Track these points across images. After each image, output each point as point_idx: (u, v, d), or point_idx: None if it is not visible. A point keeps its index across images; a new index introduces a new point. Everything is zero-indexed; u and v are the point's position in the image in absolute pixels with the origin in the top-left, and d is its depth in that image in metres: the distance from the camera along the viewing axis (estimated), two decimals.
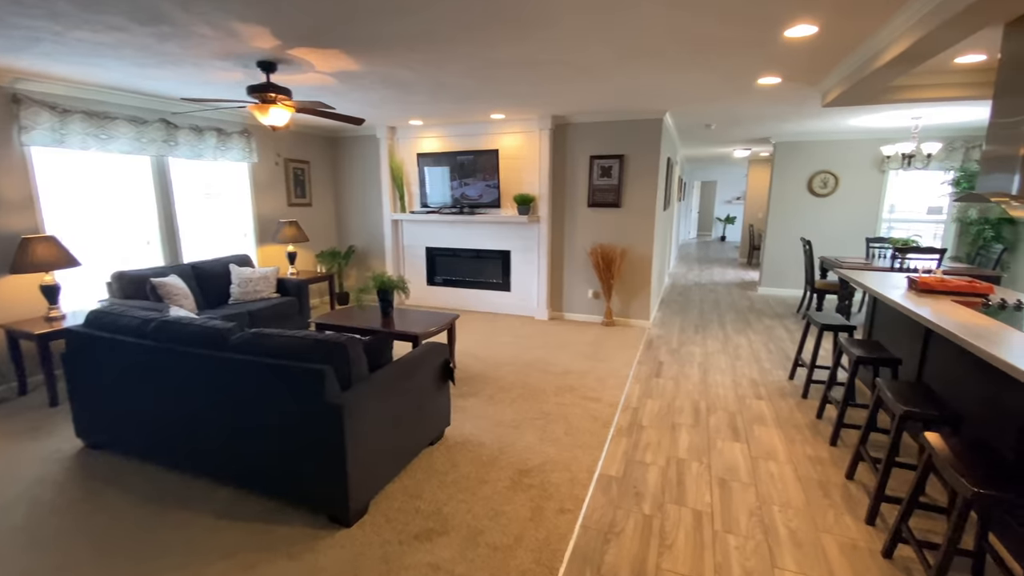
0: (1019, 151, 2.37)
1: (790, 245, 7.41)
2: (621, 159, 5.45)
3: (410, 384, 2.57)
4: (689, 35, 2.75)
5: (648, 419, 3.30)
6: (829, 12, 2.40)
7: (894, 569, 1.98)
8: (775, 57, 3.16)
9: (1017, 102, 2.40)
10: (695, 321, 5.96)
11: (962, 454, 1.78)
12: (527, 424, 3.19)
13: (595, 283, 5.84)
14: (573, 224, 5.82)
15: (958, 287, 3.10)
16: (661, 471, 2.68)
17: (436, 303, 6.66)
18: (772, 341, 5.13)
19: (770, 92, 4.19)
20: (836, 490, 2.52)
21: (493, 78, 3.77)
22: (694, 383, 3.95)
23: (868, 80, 3.05)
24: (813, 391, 3.79)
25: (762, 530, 2.20)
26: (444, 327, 3.91)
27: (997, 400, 2.26)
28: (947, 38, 2.25)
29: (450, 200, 6.17)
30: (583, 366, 4.29)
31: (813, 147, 7.05)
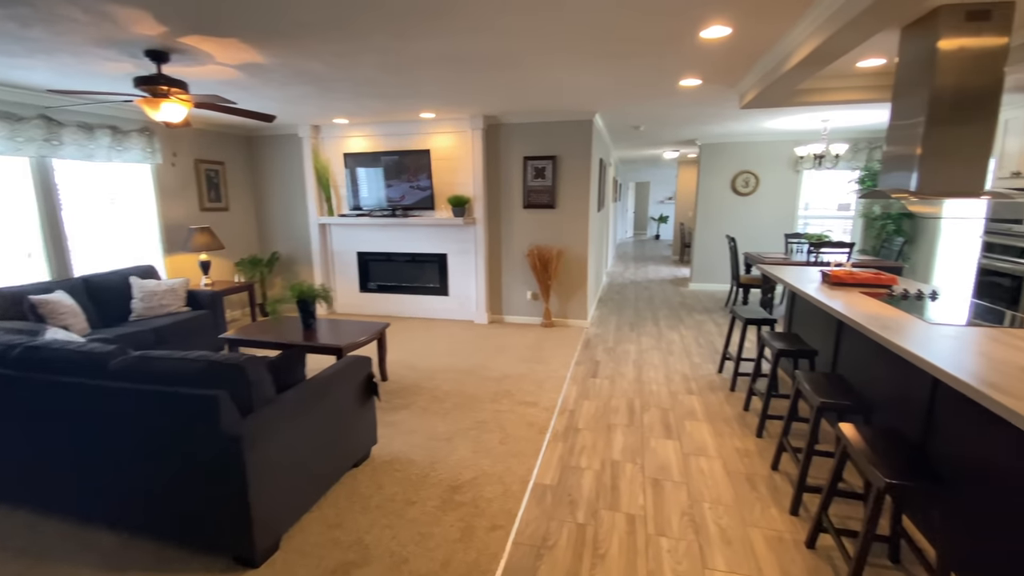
0: (916, 151, 2.52)
1: (717, 242, 7.73)
2: (554, 160, 5.44)
3: (327, 403, 2.36)
4: (611, 34, 2.73)
5: (584, 421, 3.26)
6: (740, 14, 2.44)
7: (817, 559, 2.02)
8: (694, 58, 3.22)
9: (913, 104, 2.54)
10: (631, 319, 6.06)
11: (874, 443, 1.83)
12: (461, 436, 3.05)
13: (533, 285, 5.80)
14: (510, 226, 5.74)
15: (865, 279, 3.28)
16: (596, 475, 2.63)
17: (370, 311, 6.37)
18: (702, 335, 5.29)
19: (693, 93, 4.30)
20: (762, 482, 2.57)
21: (416, 74, 3.60)
22: (629, 381, 3.97)
23: (780, 82, 3.17)
24: (740, 383, 3.91)
25: (694, 530, 2.19)
26: (373, 337, 3.70)
27: (903, 387, 2.38)
28: (848, 41, 2.35)
29: (383, 202, 5.91)
30: (521, 370, 4.21)
31: (735, 148, 7.39)
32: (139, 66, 3.30)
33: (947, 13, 2.28)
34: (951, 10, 2.27)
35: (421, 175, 5.70)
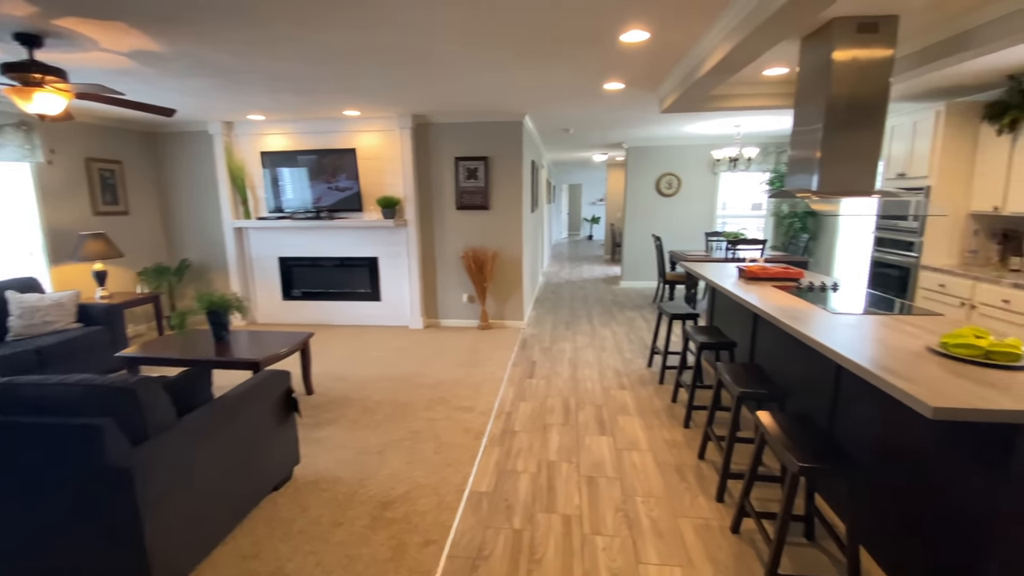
0: (816, 154, 2.72)
1: (645, 241, 8.04)
2: (486, 161, 5.39)
3: (239, 423, 2.16)
4: (528, 33, 2.72)
5: (521, 423, 3.23)
6: (657, 19, 2.52)
7: (741, 543, 2.11)
8: (617, 62, 3.29)
9: (813, 111, 2.74)
10: (566, 318, 6.15)
11: (788, 429, 1.94)
12: (393, 447, 2.92)
13: (469, 287, 5.72)
14: (443, 227, 5.63)
15: (776, 273, 3.51)
16: (532, 478, 2.60)
17: (295, 320, 6.01)
18: (633, 331, 5.46)
19: (617, 97, 4.42)
20: (690, 472, 2.66)
21: (335, 69, 3.42)
22: (565, 380, 4.01)
23: (695, 87, 3.32)
24: (668, 376, 4.06)
25: (627, 525, 2.22)
26: (295, 348, 3.46)
27: (812, 374, 2.55)
28: (754, 49, 2.48)
29: (307, 204, 5.59)
30: (457, 374, 4.13)
31: (659, 151, 7.72)
32: (8, 51, 2.88)
33: (840, 25, 2.47)
34: (844, 22, 2.47)
35: (347, 175, 5.45)
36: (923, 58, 2.91)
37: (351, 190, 5.48)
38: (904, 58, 3.07)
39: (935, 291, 4.01)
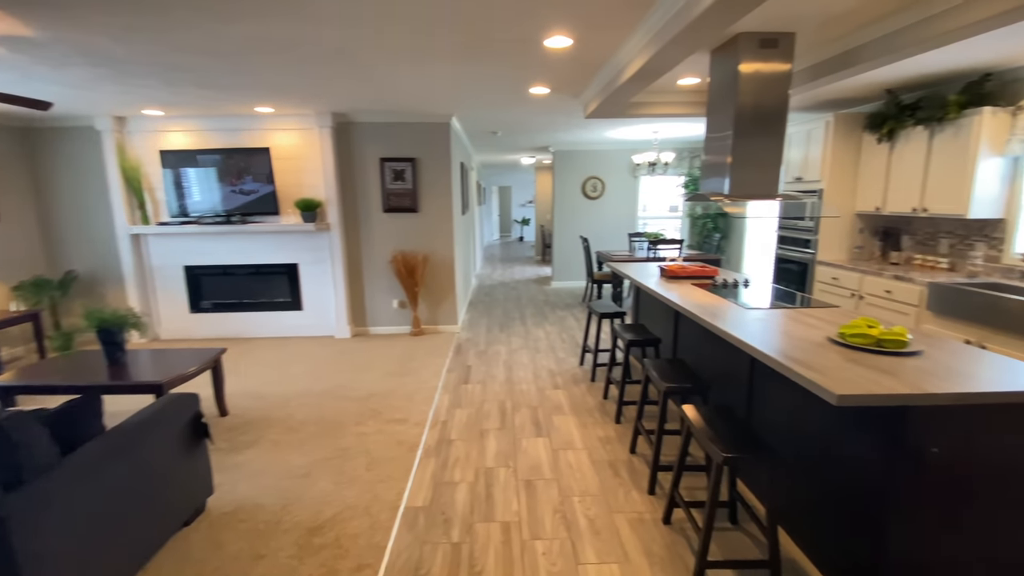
0: (727, 159, 2.90)
1: (573, 242, 8.25)
2: (414, 162, 5.26)
3: (139, 456, 1.92)
4: (457, 37, 2.68)
5: (457, 431, 3.17)
6: (579, 26, 2.56)
7: (673, 533, 2.19)
8: (542, 67, 3.32)
9: (723, 119, 2.92)
10: (500, 320, 6.15)
11: (711, 420, 2.04)
12: (321, 468, 2.75)
13: (400, 292, 5.55)
14: (369, 231, 5.42)
15: (694, 272, 3.71)
16: (470, 487, 2.55)
17: (205, 334, 5.52)
18: (565, 331, 5.57)
19: (543, 102, 4.48)
20: (623, 467, 2.74)
21: (241, 61, 3.17)
22: (500, 383, 3.99)
23: (616, 94, 3.43)
24: (599, 374, 4.17)
25: (565, 526, 2.23)
26: (205, 366, 3.16)
27: (730, 366, 2.72)
28: (669, 59, 2.60)
29: (216, 207, 5.15)
30: (389, 385, 3.98)
31: (584, 155, 7.95)
32: None
33: (745, 40, 2.65)
34: (748, 37, 2.65)
35: (261, 176, 5.09)
36: (815, 72, 3.21)
37: (267, 192, 5.12)
38: (800, 72, 3.37)
39: (829, 284, 4.44)
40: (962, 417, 1.55)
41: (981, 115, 3.31)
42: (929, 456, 1.57)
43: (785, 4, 2.33)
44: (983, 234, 3.65)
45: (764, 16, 2.46)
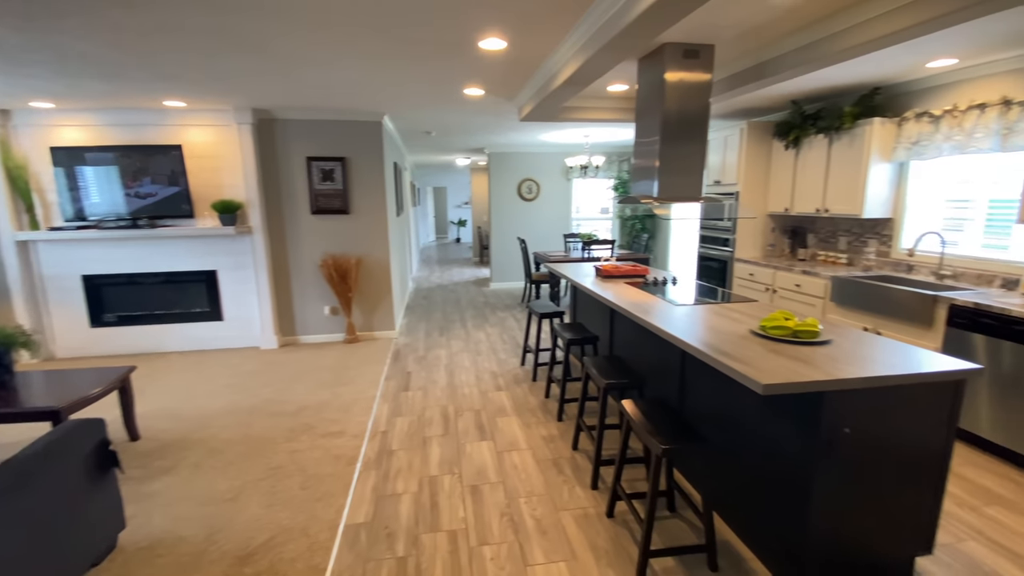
0: (655, 163, 3.03)
1: (511, 243, 8.31)
2: (344, 162, 5.06)
3: (32, 494, 1.69)
4: (387, 35, 2.60)
5: (398, 441, 3.08)
6: (512, 29, 2.58)
7: (616, 526, 2.25)
8: (476, 68, 3.31)
9: (651, 125, 3.05)
10: (440, 323, 6.06)
11: (648, 414, 2.12)
12: (250, 490, 2.56)
13: (332, 298, 5.31)
14: (297, 234, 5.14)
15: (627, 271, 3.86)
16: (414, 498, 2.48)
17: (110, 351, 4.99)
18: (505, 332, 5.59)
19: (478, 103, 4.46)
20: (567, 464, 2.78)
21: (148, 52, 2.89)
22: (442, 388, 3.93)
23: (550, 99, 3.49)
24: (540, 373, 4.22)
25: (513, 529, 2.23)
26: (111, 387, 2.85)
27: (663, 361, 2.84)
28: (600, 66, 2.68)
29: (120, 210, 4.66)
30: (323, 396, 3.79)
31: (519, 157, 8.02)
32: None
33: (670, 50, 2.79)
34: (673, 47, 2.78)
35: (172, 176, 4.68)
36: (732, 83, 3.44)
37: (179, 193, 4.72)
38: (719, 82, 3.59)
39: (747, 279, 4.78)
40: (868, 398, 1.72)
41: (872, 125, 3.71)
42: (842, 436, 1.72)
43: (705, 17, 2.47)
44: (875, 232, 4.09)
45: (687, 28, 2.60)
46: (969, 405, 2.87)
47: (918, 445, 1.80)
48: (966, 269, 3.41)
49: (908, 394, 1.74)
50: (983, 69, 3.20)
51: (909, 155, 3.64)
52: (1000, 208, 3.30)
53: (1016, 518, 2.30)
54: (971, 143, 3.25)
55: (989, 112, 3.15)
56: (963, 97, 3.36)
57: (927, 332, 3.08)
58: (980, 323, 2.79)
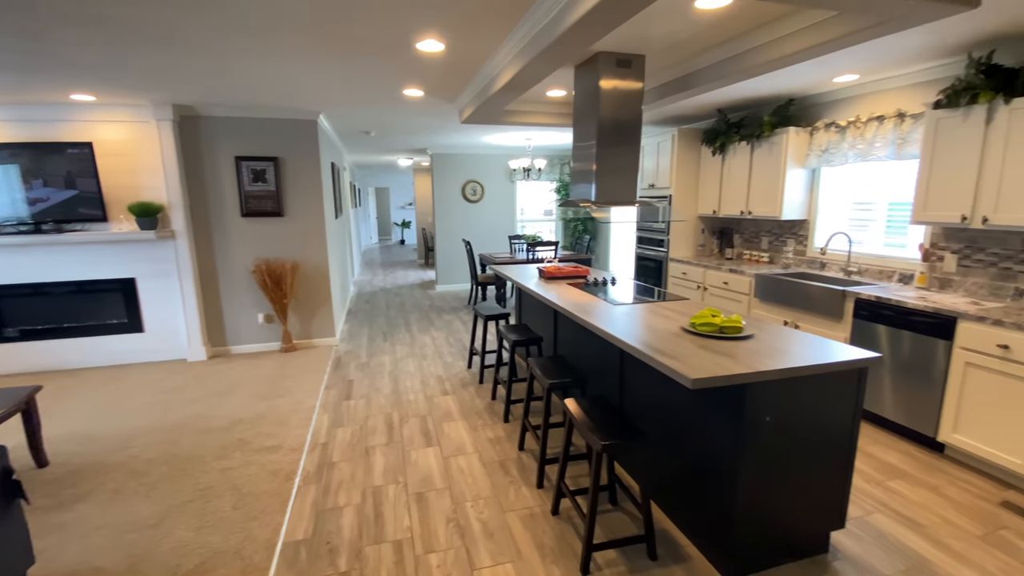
0: (592, 167, 3.12)
1: (456, 245, 8.26)
2: (277, 162, 4.83)
3: None
4: (320, 31, 2.52)
5: (340, 452, 2.98)
6: (449, 32, 2.57)
7: (561, 523, 2.30)
8: (415, 70, 3.27)
9: (588, 130, 3.14)
10: (383, 328, 5.92)
11: (590, 412, 2.18)
12: (176, 514, 2.40)
13: (266, 305, 5.06)
14: (225, 238, 4.85)
15: (569, 272, 3.95)
16: (357, 510, 2.42)
17: (11, 370, 4.49)
18: (452, 335, 5.56)
19: (418, 104, 4.41)
20: (513, 465, 2.81)
21: (51, 41, 2.63)
22: (386, 395, 3.84)
23: (490, 102, 3.50)
24: (487, 375, 4.23)
25: (459, 534, 2.23)
26: (12, 410, 2.57)
27: (603, 360, 2.93)
28: (538, 72, 2.72)
29: (21, 213, 4.20)
30: (258, 409, 3.60)
31: (463, 159, 8.00)
32: None
33: (604, 58, 2.88)
34: (606, 56, 2.88)
35: (80, 176, 4.28)
36: (662, 92, 3.60)
37: (91, 195, 4.33)
38: (650, 91, 3.75)
39: (680, 278, 5.03)
40: (785, 388, 1.86)
41: (788, 134, 4.01)
42: (763, 424, 1.85)
43: (635, 30, 2.58)
44: (793, 232, 4.42)
45: (619, 38, 2.70)
46: (874, 389, 3.17)
47: (829, 428, 1.96)
48: (870, 265, 3.76)
49: (819, 382, 1.90)
50: (881, 84, 3.55)
51: (820, 161, 3.97)
52: (898, 210, 3.66)
53: (916, 490, 2.56)
54: (872, 151, 3.59)
55: (886, 123, 3.49)
56: (864, 109, 3.70)
57: (838, 324, 3.37)
58: (881, 314, 3.09)
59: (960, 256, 3.20)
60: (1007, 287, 2.97)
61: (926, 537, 2.20)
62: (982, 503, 2.44)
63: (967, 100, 2.83)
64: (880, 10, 1.87)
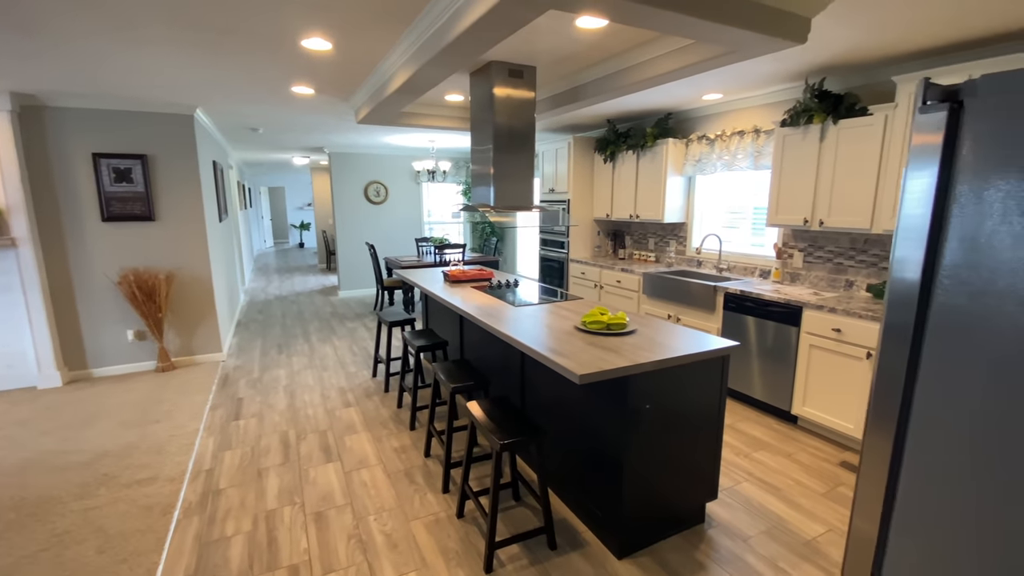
0: (490, 171, 3.19)
1: (360, 249, 7.97)
2: (145, 160, 4.33)
3: None
4: (190, 19, 2.31)
5: (227, 478, 2.76)
6: (336, 32, 2.49)
7: (466, 525, 2.33)
8: (303, 67, 3.11)
9: (484, 135, 3.20)
10: (279, 339, 5.55)
11: (491, 413, 2.24)
12: (26, 567, 2.07)
13: (136, 320, 4.51)
14: (82, 246, 4.25)
15: (474, 275, 3.99)
16: (248, 538, 2.26)
17: None
18: (356, 343, 5.36)
19: (309, 102, 4.19)
20: (419, 472, 2.79)
21: None
22: (281, 412, 3.61)
23: (386, 104, 3.44)
24: (393, 383, 4.15)
25: (361, 550, 2.17)
26: None
27: (506, 361, 3.01)
28: (432, 77, 2.73)
29: None
30: (128, 438, 3.21)
31: (364, 159, 7.73)
32: None
33: (497, 67, 2.95)
34: (499, 65, 2.96)
35: None
36: (555, 102, 3.77)
37: None
38: (543, 100, 3.91)
39: (580, 277, 5.30)
40: (662, 377, 2.05)
41: (667, 144, 4.39)
42: (644, 412, 2.02)
43: (523, 43, 2.68)
44: (674, 234, 4.85)
45: (510, 49, 2.79)
46: (744, 372, 3.58)
47: (700, 410, 2.20)
48: (738, 263, 4.24)
49: (690, 370, 2.12)
50: (741, 103, 4.02)
51: (695, 170, 4.40)
52: (760, 214, 4.17)
53: (775, 458, 2.94)
54: (736, 162, 4.06)
55: (746, 138, 3.96)
56: (729, 125, 4.17)
57: (711, 316, 3.76)
58: (745, 306, 3.50)
59: (805, 254, 3.72)
60: (840, 279, 3.52)
61: (783, 499, 2.54)
62: (826, 465, 2.88)
63: (805, 120, 3.31)
64: (726, 41, 2.13)
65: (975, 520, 0.97)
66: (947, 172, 0.98)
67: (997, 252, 0.91)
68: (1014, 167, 0.89)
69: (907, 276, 1.05)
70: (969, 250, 0.95)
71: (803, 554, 2.15)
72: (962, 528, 0.99)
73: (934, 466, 1.05)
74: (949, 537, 1.02)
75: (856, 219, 3.09)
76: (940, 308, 1.00)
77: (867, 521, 1.19)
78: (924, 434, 1.06)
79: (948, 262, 0.98)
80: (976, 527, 0.97)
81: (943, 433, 1.03)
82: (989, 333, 0.93)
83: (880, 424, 1.14)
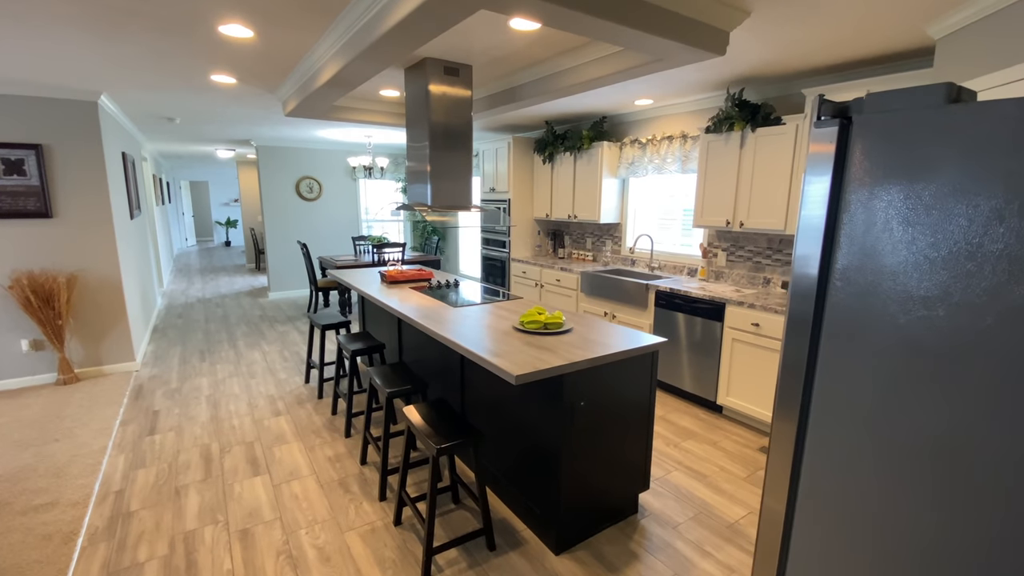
0: (427, 168, 3.13)
1: (292, 248, 7.59)
2: (39, 150, 3.89)
3: None
4: None
5: (140, 499, 2.54)
6: (258, 20, 2.35)
7: (404, 532, 2.28)
8: (222, 55, 2.91)
9: (420, 132, 3.14)
10: (201, 345, 5.18)
11: (429, 417, 2.20)
12: None
13: (32, 329, 4.04)
14: None
15: (412, 276, 3.91)
16: (164, 562, 2.09)
17: None
18: (287, 347, 5.10)
19: (232, 91, 3.93)
20: (354, 481, 2.70)
21: None
22: (203, 424, 3.38)
23: (316, 97, 3.29)
24: (327, 389, 3.99)
25: (291, 566, 2.07)
26: None
27: (445, 363, 2.98)
28: (363, 72, 2.64)
29: None
30: (21, 461, 2.87)
31: (295, 153, 7.36)
32: None
33: (432, 64, 2.91)
34: (434, 63, 2.91)
35: None
36: (492, 102, 3.77)
37: None
38: (480, 100, 3.90)
39: (521, 276, 5.34)
40: (594, 374, 2.10)
41: (602, 147, 4.51)
42: (578, 408, 2.07)
43: (457, 41, 2.65)
44: (610, 234, 5.00)
45: (445, 47, 2.75)
46: (675, 366, 3.75)
47: (632, 405, 2.28)
48: (668, 262, 4.44)
49: (621, 367, 2.19)
50: (671, 109, 4.20)
51: (628, 172, 4.56)
52: (688, 216, 4.38)
53: (702, 446, 3.11)
54: (665, 165, 4.24)
55: (675, 142, 4.14)
56: (660, 130, 4.35)
57: (644, 313, 3.92)
58: (674, 303, 3.67)
59: (728, 253, 3.96)
60: (759, 277, 3.77)
61: (709, 485, 2.69)
62: (747, 450, 3.07)
63: (727, 127, 3.51)
64: (651, 49, 2.22)
65: (871, 495, 1.07)
66: (839, 181, 1.07)
67: (880, 257, 1.01)
68: (893, 181, 0.98)
69: (807, 272, 1.14)
70: (857, 254, 1.04)
71: (727, 536, 2.29)
72: (860, 503, 1.09)
73: (832, 447, 1.14)
74: (848, 511, 1.12)
75: (772, 221, 3.32)
76: (834, 305, 1.10)
77: (776, 500, 1.28)
78: (823, 419, 1.16)
79: (839, 264, 1.07)
80: (871, 502, 1.07)
81: (839, 418, 1.12)
82: (874, 330, 1.03)
83: (785, 410, 1.23)
